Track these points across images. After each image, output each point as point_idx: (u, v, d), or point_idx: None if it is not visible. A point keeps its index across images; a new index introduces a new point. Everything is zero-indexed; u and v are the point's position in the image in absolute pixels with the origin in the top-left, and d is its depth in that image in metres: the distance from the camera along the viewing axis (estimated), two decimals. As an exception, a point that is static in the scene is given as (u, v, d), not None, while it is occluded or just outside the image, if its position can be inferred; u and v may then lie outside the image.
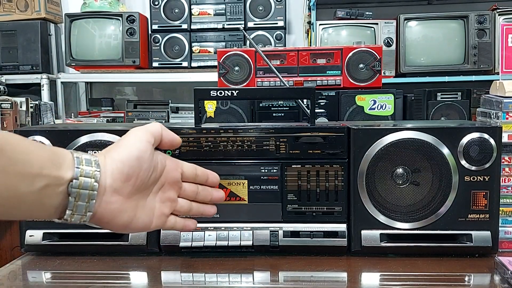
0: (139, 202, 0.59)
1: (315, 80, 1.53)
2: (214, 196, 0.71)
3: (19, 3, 3.01)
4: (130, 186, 0.56)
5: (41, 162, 0.50)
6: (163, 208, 0.63)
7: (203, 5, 2.95)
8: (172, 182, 0.64)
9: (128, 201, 0.57)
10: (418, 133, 0.89)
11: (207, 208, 0.71)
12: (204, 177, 0.69)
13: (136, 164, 0.56)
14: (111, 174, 0.55)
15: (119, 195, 0.56)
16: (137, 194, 0.58)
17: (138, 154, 0.57)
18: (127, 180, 0.56)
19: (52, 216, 0.53)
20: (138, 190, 0.58)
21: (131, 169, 0.56)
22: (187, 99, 3.29)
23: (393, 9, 3.02)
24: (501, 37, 1.02)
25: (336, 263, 0.89)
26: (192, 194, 0.68)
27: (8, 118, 2.13)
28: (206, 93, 0.96)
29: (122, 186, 0.56)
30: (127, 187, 0.56)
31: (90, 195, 0.52)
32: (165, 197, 0.64)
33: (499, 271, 0.81)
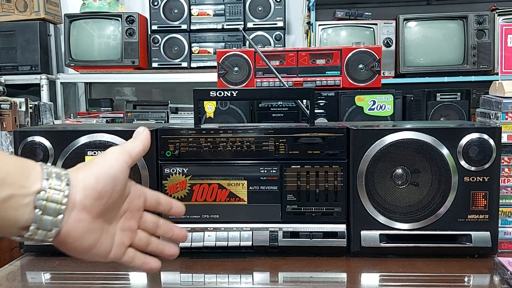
0: (105, 225, 0.55)
1: (315, 80, 1.53)
2: (175, 232, 0.64)
3: (18, 4, 3.01)
4: (101, 206, 0.53)
5: (6, 169, 0.47)
6: (123, 237, 0.58)
7: (203, 5, 2.95)
8: (135, 210, 0.60)
9: (96, 222, 0.53)
10: (418, 134, 0.89)
11: (167, 247, 0.63)
12: (168, 205, 0.64)
13: (110, 183, 0.53)
14: (83, 190, 0.51)
15: (88, 214, 0.52)
16: (105, 216, 0.55)
17: (114, 174, 0.54)
18: (99, 198, 0.53)
19: (14, 232, 0.49)
20: (107, 212, 0.55)
21: (105, 188, 0.53)
22: (186, 99, 3.29)
23: (393, 10, 3.02)
24: (500, 37, 1.02)
25: (335, 263, 0.89)
26: (152, 226, 0.62)
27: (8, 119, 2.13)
28: (205, 93, 0.96)
29: (93, 204, 0.52)
30: (98, 206, 0.53)
31: (58, 209, 0.49)
32: (126, 225, 0.59)
33: (499, 271, 0.81)
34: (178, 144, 0.93)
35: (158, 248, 0.62)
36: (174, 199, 0.65)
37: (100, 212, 0.53)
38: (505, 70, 1.02)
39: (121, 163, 0.55)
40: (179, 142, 0.93)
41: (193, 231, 0.93)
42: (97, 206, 0.53)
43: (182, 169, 0.93)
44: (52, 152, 0.93)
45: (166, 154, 0.93)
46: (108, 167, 0.54)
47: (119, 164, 0.55)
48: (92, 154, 0.92)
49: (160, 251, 0.62)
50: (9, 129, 2.05)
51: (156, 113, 2.88)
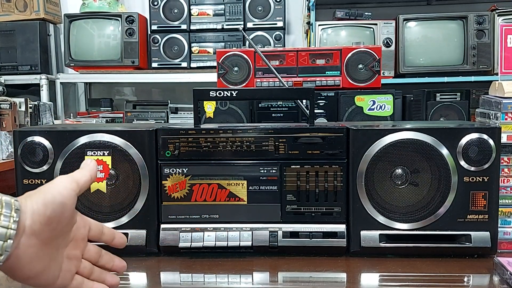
0: (53, 252, 0.57)
1: (314, 80, 1.53)
2: (116, 263, 0.67)
3: (18, 3, 3.01)
4: (49, 231, 0.55)
5: None
6: (69, 264, 0.60)
7: (203, 5, 2.95)
8: (80, 239, 0.62)
9: (44, 248, 0.55)
10: (417, 134, 0.89)
11: (109, 276, 0.66)
12: (110, 236, 0.67)
13: (59, 209, 0.55)
14: (31, 215, 0.53)
15: (37, 239, 0.54)
16: (53, 242, 0.57)
17: (62, 200, 0.56)
18: (47, 223, 0.54)
19: None
20: (55, 238, 0.57)
21: (53, 213, 0.55)
22: (186, 99, 3.29)
23: (392, 10, 3.02)
24: (500, 37, 1.02)
25: (335, 263, 0.89)
26: (95, 256, 0.65)
27: (7, 119, 2.13)
28: (205, 93, 0.96)
29: (42, 230, 0.54)
30: (46, 231, 0.55)
31: (8, 235, 0.51)
32: (72, 254, 0.61)
33: (498, 271, 0.81)
34: (178, 144, 0.93)
35: (100, 277, 0.65)
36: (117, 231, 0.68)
37: (48, 238, 0.55)
38: (505, 70, 1.02)
39: (69, 190, 0.57)
40: (178, 142, 0.93)
41: (192, 231, 0.93)
42: (45, 232, 0.55)
43: (181, 169, 0.93)
44: (51, 152, 0.93)
45: (165, 154, 0.93)
46: (56, 193, 0.56)
47: (67, 191, 0.57)
48: (91, 154, 0.92)
49: (102, 280, 0.65)
50: (9, 129, 2.05)
51: (155, 113, 2.88)
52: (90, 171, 0.63)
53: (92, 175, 0.63)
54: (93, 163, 0.64)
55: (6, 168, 1.78)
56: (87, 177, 0.62)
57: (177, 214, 0.94)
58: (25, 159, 0.93)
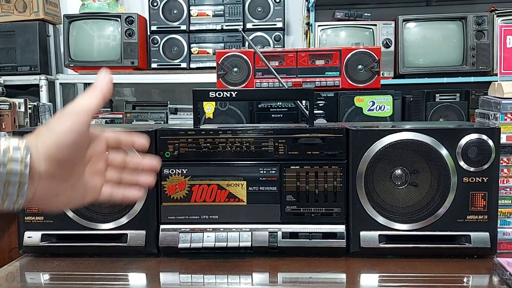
0: (73, 181, 0.57)
1: (314, 81, 1.53)
2: (145, 164, 0.63)
3: (17, 4, 3.01)
4: (67, 170, 0.54)
5: None
6: (94, 181, 0.60)
7: (202, 6, 2.95)
8: (99, 153, 0.60)
9: (64, 183, 0.55)
10: (417, 134, 0.89)
11: (142, 178, 0.63)
12: (130, 142, 0.64)
13: (73, 148, 0.53)
14: (45, 160, 0.52)
15: (55, 180, 0.54)
16: (73, 174, 0.56)
17: (75, 139, 0.53)
18: (63, 165, 0.53)
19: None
20: (74, 170, 0.56)
21: (68, 154, 0.53)
22: (186, 100, 3.29)
23: (392, 10, 3.02)
24: (499, 38, 1.02)
25: (335, 264, 0.89)
26: (121, 164, 0.62)
27: (7, 119, 2.13)
28: (205, 94, 0.96)
29: (59, 171, 0.53)
30: (64, 170, 0.54)
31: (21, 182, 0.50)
32: (94, 169, 0.60)
33: (498, 272, 0.81)
34: (177, 145, 0.93)
35: (132, 180, 0.63)
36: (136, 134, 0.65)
37: (67, 174, 0.55)
38: (504, 70, 1.02)
39: (81, 125, 0.54)
40: (178, 142, 0.93)
41: (192, 232, 0.93)
42: (63, 171, 0.54)
43: (181, 169, 0.93)
44: (51, 152, 0.92)
45: (165, 154, 0.93)
46: (68, 133, 0.53)
47: (79, 127, 0.54)
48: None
49: (135, 182, 0.63)
50: (8, 129, 2.05)
51: (155, 114, 2.88)
52: (102, 90, 0.58)
53: (105, 93, 0.58)
54: (108, 77, 0.59)
55: (5, 168, 1.77)
56: (98, 98, 0.57)
57: (177, 215, 0.94)
58: (24, 160, 0.92)
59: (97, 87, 0.58)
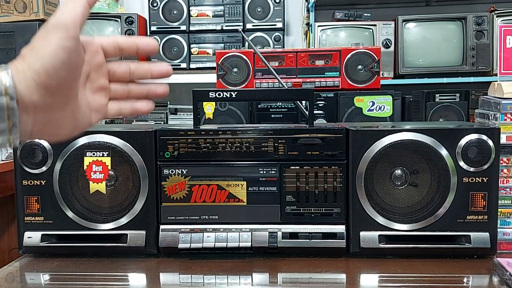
0: (75, 104, 0.50)
1: (314, 81, 1.53)
2: (154, 70, 0.57)
3: (17, 5, 3.01)
4: (63, 95, 0.48)
5: None
6: (97, 99, 0.53)
7: (202, 6, 2.95)
8: (97, 67, 0.53)
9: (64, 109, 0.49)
10: (417, 135, 0.89)
11: (153, 87, 0.57)
12: (132, 47, 0.56)
13: (63, 72, 0.46)
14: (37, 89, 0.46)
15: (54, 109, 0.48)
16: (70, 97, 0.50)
17: (63, 60, 0.46)
18: (57, 90, 0.47)
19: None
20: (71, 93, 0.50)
21: (59, 79, 0.46)
22: (185, 100, 3.29)
23: (392, 11, 3.02)
24: (499, 38, 1.02)
25: (334, 264, 0.89)
26: (124, 75, 0.56)
27: (6, 120, 2.13)
28: (204, 94, 0.96)
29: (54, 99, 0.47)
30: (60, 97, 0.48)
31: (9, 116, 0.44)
32: (95, 87, 0.53)
33: (498, 272, 0.81)
34: (177, 145, 0.93)
35: (142, 91, 0.57)
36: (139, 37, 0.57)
37: (65, 99, 0.49)
38: (504, 71, 1.02)
39: (71, 41, 0.47)
40: (178, 143, 0.93)
41: (192, 232, 0.93)
42: (60, 97, 0.48)
43: (181, 170, 0.93)
44: (51, 153, 0.92)
45: (165, 155, 0.93)
46: (58, 53, 0.46)
47: (69, 44, 0.47)
48: (91, 155, 0.92)
49: (145, 93, 0.57)
50: (8, 130, 2.05)
51: (155, 114, 2.87)
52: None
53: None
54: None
55: (5, 169, 1.78)
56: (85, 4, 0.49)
57: (177, 215, 0.94)
58: (24, 160, 0.93)
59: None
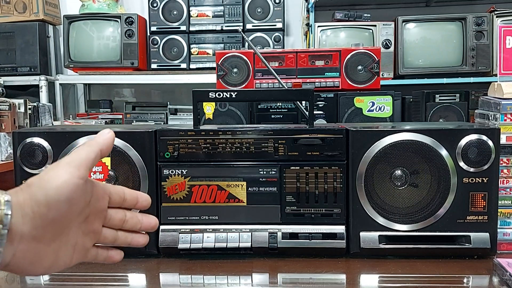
0: (62, 241, 0.50)
1: (314, 82, 1.53)
2: (144, 224, 0.59)
3: (17, 5, 3.01)
4: (54, 230, 0.47)
5: None
6: (85, 241, 0.53)
7: (202, 6, 2.95)
8: (98, 212, 0.54)
9: (50, 245, 0.48)
10: (417, 135, 0.89)
11: (136, 238, 0.59)
12: (133, 200, 0.59)
13: (64, 207, 0.47)
14: (32, 219, 0.45)
15: (39, 242, 0.47)
16: (62, 234, 0.49)
17: (67, 196, 0.47)
18: (51, 224, 0.47)
19: None
20: (64, 229, 0.49)
21: (58, 213, 0.47)
22: (185, 100, 3.29)
23: (391, 11, 3.03)
24: (499, 39, 1.02)
25: (335, 265, 0.89)
26: (118, 223, 0.57)
27: (6, 120, 2.13)
28: (204, 94, 0.96)
29: (44, 233, 0.46)
30: (50, 231, 0.47)
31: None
32: (89, 229, 0.53)
33: (498, 272, 0.81)
34: (177, 146, 0.93)
35: (126, 241, 0.58)
36: (139, 191, 0.61)
37: (54, 236, 0.48)
38: (504, 71, 1.02)
39: (76, 181, 0.48)
40: (178, 143, 0.93)
41: (192, 232, 0.93)
42: (49, 232, 0.47)
43: (181, 170, 0.93)
44: (51, 153, 0.92)
45: (165, 155, 0.93)
46: (64, 188, 0.47)
47: (76, 181, 0.48)
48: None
49: (128, 243, 0.59)
50: (8, 130, 2.05)
51: (155, 114, 2.88)
52: (101, 144, 0.53)
53: (103, 148, 0.53)
54: (111, 134, 0.54)
55: (5, 169, 1.78)
56: (95, 152, 0.52)
57: (177, 216, 0.94)
58: (24, 160, 0.93)
59: (97, 141, 0.53)
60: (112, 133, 0.54)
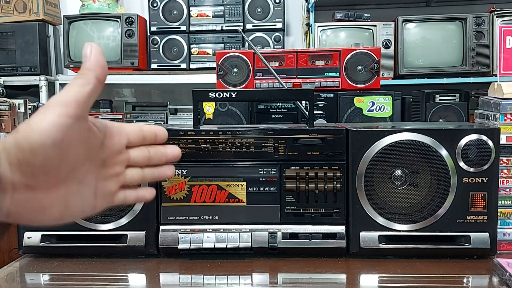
0: (70, 189, 0.46)
1: (314, 81, 1.53)
2: (169, 155, 0.58)
3: (17, 5, 3.01)
4: (50, 178, 0.44)
5: None
6: (108, 186, 0.51)
7: (202, 6, 2.95)
8: (116, 154, 0.52)
9: (51, 194, 0.45)
10: (417, 135, 0.89)
11: (163, 170, 0.58)
12: (152, 136, 0.57)
13: (53, 152, 0.42)
14: (19, 167, 0.42)
15: (36, 190, 0.43)
16: (66, 181, 0.46)
17: (54, 139, 0.42)
18: (43, 172, 0.43)
19: None
20: (65, 178, 0.45)
21: (47, 160, 0.42)
22: (185, 100, 3.29)
23: (391, 11, 3.02)
24: (499, 39, 1.02)
25: (334, 265, 0.89)
26: (143, 161, 0.55)
27: (6, 120, 2.13)
28: (204, 94, 0.96)
29: (38, 180, 0.43)
30: (46, 179, 0.44)
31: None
32: (109, 173, 0.51)
33: (498, 272, 0.81)
34: (177, 145, 0.93)
35: (154, 177, 0.57)
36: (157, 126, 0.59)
37: (54, 183, 0.45)
38: (504, 71, 1.02)
39: (63, 120, 0.42)
40: (178, 143, 0.93)
41: (192, 232, 0.93)
42: (45, 181, 0.44)
43: (181, 170, 0.93)
44: (51, 153, 0.92)
45: (165, 155, 0.93)
46: (50, 130, 0.42)
47: (59, 124, 0.42)
48: None
49: (156, 178, 0.58)
50: (8, 130, 2.05)
51: (155, 114, 2.87)
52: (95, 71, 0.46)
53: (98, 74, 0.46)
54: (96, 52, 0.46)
55: (5, 169, 1.77)
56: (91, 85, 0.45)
57: (177, 215, 0.94)
58: (24, 161, 0.93)
59: (86, 68, 0.46)
60: (96, 48, 0.47)
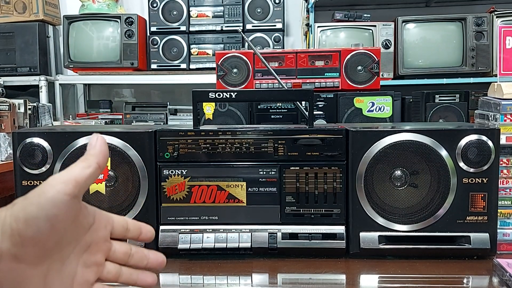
0: (52, 266, 0.47)
1: (313, 82, 1.53)
2: (151, 260, 0.55)
3: (17, 5, 3.01)
4: (37, 251, 0.45)
5: None
6: (86, 274, 0.50)
7: (202, 7, 2.95)
8: (100, 241, 0.51)
9: (34, 268, 0.45)
10: (416, 135, 0.89)
11: (142, 276, 0.55)
12: (137, 231, 0.55)
13: (45, 225, 0.44)
14: (10, 237, 0.43)
15: (21, 262, 0.44)
16: (52, 258, 0.46)
17: (49, 214, 0.43)
18: (32, 244, 0.44)
19: None
20: (54, 253, 0.46)
21: (38, 232, 0.43)
22: (185, 101, 3.29)
23: (391, 11, 3.03)
24: (499, 39, 1.02)
25: (334, 265, 0.89)
26: (123, 257, 0.53)
27: (6, 120, 2.13)
28: (204, 95, 0.96)
29: (25, 252, 0.44)
30: (33, 252, 0.44)
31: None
32: (90, 260, 0.50)
33: (498, 273, 0.81)
34: (177, 146, 0.93)
35: (131, 279, 0.54)
36: (143, 222, 0.57)
37: (39, 257, 0.45)
38: (504, 71, 1.02)
39: (60, 197, 0.44)
40: (178, 143, 0.93)
41: (192, 233, 0.93)
42: (31, 253, 0.45)
43: (181, 170, 0.93)
44: (50, 153, 0.92)
45: (164, 155, 0.93)
46: (45, 206, 0.44)
47: (62, 198, 0.44)
48: None
49: (134, 282, 0.54)
50: (8, 130, 2.04)
51: (155, 115, 2.88)
52: (97, 157, 0.48)
53: (100, 162, 0.48)
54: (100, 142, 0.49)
55: (5, 169, 1.77)
56: (91, 169, 0.47)
57: (176, 216, 0.94)
58: (24, 161, 0.93)
59: (90, 154, 0.48)
60: (102, 139, 0.50)
